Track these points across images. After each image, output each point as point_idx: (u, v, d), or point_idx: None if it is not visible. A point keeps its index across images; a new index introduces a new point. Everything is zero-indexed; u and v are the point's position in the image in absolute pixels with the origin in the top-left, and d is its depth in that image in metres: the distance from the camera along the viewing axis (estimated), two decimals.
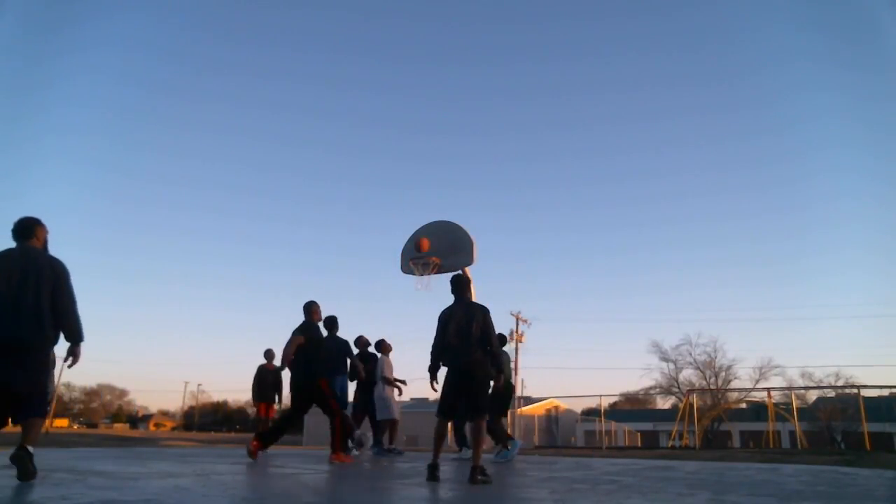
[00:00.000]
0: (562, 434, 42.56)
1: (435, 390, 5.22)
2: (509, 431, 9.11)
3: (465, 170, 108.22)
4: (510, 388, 8.66)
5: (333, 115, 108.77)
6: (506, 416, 8.78)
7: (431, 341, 5.14)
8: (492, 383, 5.27)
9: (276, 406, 10.58)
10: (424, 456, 9.05)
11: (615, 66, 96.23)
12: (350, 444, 7.99)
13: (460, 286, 5.20)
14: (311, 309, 6.90)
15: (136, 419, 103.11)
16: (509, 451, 7.81)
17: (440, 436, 4.98)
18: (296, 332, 6.67)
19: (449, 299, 5.24)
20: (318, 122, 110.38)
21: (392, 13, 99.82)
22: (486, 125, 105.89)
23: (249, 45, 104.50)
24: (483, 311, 5.02)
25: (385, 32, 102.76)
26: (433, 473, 4.67)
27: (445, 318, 5.07)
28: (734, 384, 36.62)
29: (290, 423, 7.03)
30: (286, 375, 6.77)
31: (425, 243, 10.23)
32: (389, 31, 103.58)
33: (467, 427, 8.30)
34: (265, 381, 10.40)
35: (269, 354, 10.59)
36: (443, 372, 5.11)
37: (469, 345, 4.89)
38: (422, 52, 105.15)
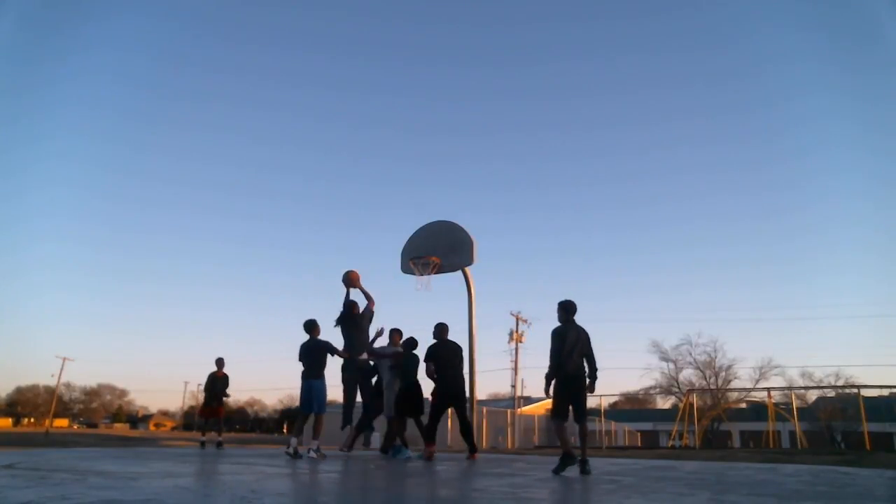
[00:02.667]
0: None
1: (548, 395, 6.04)
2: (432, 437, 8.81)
3: (466, 170, 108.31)
4: (419, 390, 8.56)
5: (333, 115, 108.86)
6: (419, 416, 8.54)
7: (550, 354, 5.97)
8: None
9: (223, 408, 11.68)
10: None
11: (615, 68, 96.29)
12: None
13: (571, 310, 6.08)
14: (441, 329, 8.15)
15: (136, 419, 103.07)
16: (401, 451, 8.32)
17: (564, 431, 5.85)
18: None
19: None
20: (318, 122, 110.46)
21: (392, 13, 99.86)
22: (487, 125, 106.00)
23: (249, 45, 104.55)
24: (587, 333, 6.05)
25: (385, 32, 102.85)
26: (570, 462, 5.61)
27: (563, 336, 5.89)
28: (734, 384, 36.63)
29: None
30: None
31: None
32: (389, 32, 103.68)
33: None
34: (215, 386, 11.39)
35: (220, 363, 11.50)
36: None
37: (580, 360, 5.90)
38: (422, 52, 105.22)
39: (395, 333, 8.86)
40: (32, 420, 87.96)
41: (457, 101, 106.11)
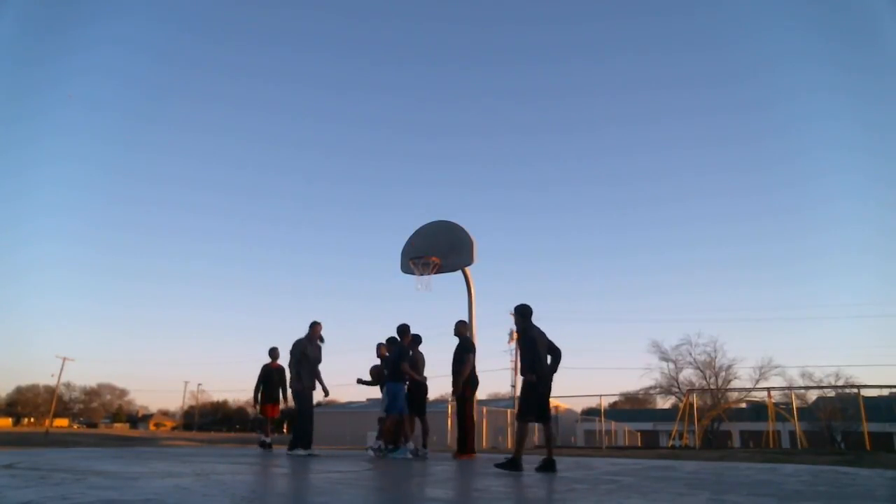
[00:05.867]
0: (562, 434, 42.49)
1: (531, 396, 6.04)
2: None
3: (466, 170, 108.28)
4: (424, 389, 8.77)
5: (333, 115, 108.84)
6: (422, 415, 8.74)
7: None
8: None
9: (280, 406, 10.08)
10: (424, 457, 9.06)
11: (616, 68, 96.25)
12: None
13: (528, 314, 6.21)
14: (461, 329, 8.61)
15: (136, 419, 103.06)
16: (399, 450, 8.35)
17: (527, 436, 5.94)
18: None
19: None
20: (317, 122, 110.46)
21: (392, 13, 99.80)
22: (487, 125, 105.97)
23: (249, 46, 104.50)
24: (544, 332, 6.18)
25: (385, 33, 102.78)
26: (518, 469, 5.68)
27: (533, 337, 5.98)
28: (734, 384, 36.56)
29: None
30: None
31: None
32: (389, 32, 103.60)
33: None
34: (271, 380, 9.85)
35: (274, 353, 9.96)
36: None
37: (551, 360, 6.04)
38: (421, 53, 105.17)
39: (390, 344, 9.01)
40: (32, 420, 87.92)
41: (457, 101, 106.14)
